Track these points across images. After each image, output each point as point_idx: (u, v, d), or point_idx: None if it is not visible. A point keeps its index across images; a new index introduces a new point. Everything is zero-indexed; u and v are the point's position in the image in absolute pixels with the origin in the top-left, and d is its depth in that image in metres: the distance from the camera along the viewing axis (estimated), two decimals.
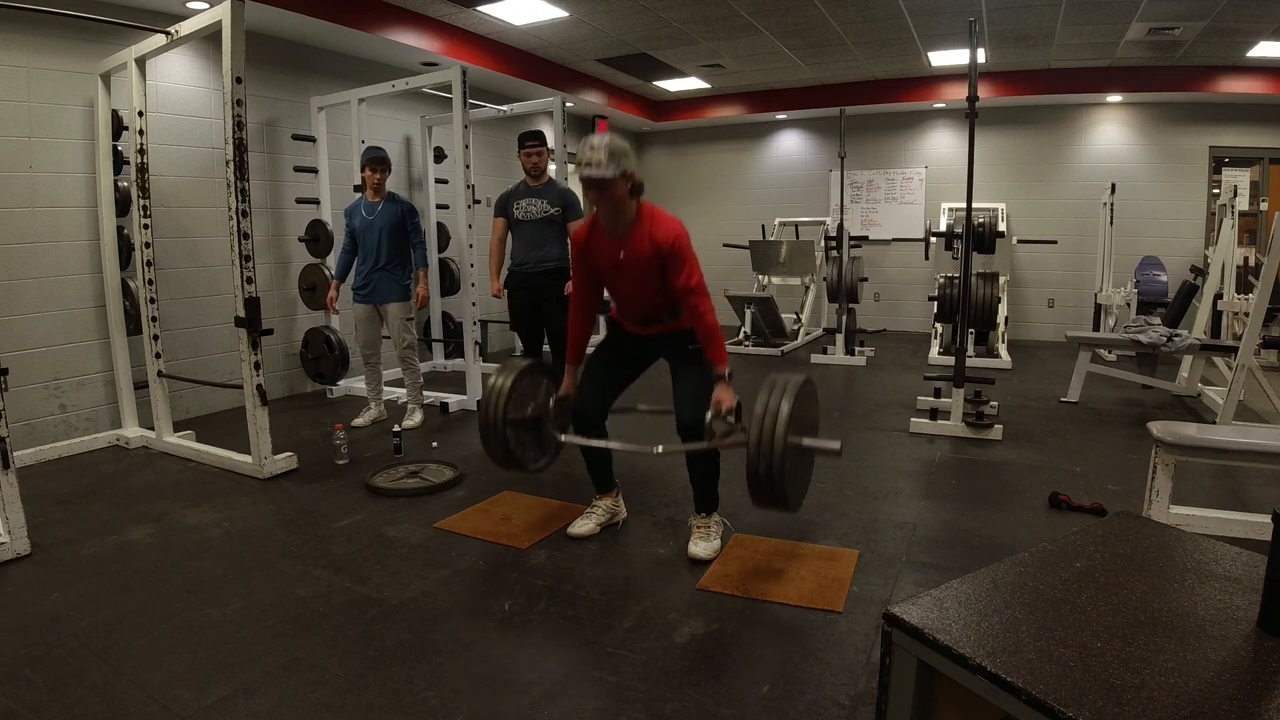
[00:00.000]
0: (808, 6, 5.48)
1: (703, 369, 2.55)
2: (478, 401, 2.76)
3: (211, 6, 3.44)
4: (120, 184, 4.06)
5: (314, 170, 5.33)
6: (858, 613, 2.27)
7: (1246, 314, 4.30)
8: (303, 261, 5.29)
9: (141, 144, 3.81)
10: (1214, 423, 3.92)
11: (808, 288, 7.78)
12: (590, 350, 2.86)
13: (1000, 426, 4.18)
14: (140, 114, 3.80)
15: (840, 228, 6.81)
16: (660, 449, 2.64)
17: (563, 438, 2.76)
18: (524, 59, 6.60)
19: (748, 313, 7.38)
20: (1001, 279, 6.82)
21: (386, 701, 1.85)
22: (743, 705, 1.82)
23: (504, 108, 6.26)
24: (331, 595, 2.41)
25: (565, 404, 2.77)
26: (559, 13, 5.55)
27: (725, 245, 8.27)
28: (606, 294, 2.77)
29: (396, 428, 4.01)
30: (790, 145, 9.18)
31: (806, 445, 2.43)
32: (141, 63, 3.79)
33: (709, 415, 2.44)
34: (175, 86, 4.56)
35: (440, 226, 6.08)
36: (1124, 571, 1.24)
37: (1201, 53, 6.39)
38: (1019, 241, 7.65)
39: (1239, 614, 1.10)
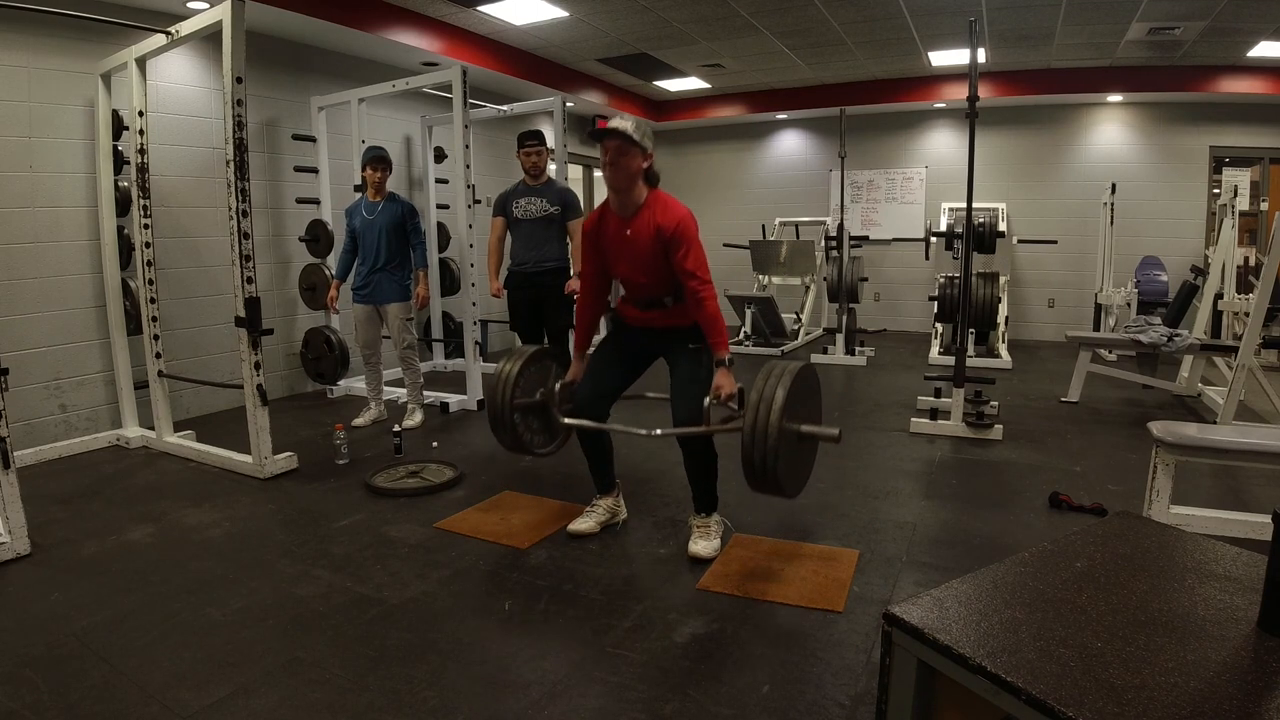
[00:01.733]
0: (808, 6, 5.48)
1: (701, 367, 2.56)
2: (486, 388, 2.78)
3: (211, 6, 3.45)
4: (120, 184, 4.06)
5: (314, 170, 5.33)
6: (858, 613, 2.27)
7: (1247, 314, 4.30)
8: (303, 261, 5.29)
9: (142, 144, 3.81)
10: (1214, 423, 3.92)
11: (808, 288, 7.78)
12: (590, 350, 2.88)
13: (1000, 426, 4.18)
14: (140, 114, 3.80)
15: (840, 227, 6.80)
16: (659, 431, 2.64)
17: (567, 420, 2.76)
18: (524, 59, 6.60)
19: (748, 313, 7.38)
20: (1002, 279, 6.82)
21: (386, 701, 1.85)
22: (743, 705, 1.82)
23: (504, 108, 6.26)
24: (331, 595, 2.41)
25: (571, 389, 2.80)
26: (559, 13, 5.54)
27: (725, 245, 8.27)
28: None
29: (396, 428, 4.01)
30: (790, 145, 9.18)
31: (805, 432, 2.44)
32: (142, 63, 3.79)
33: (708, 400, 2.47)
34: (175, 86, 4.56)
35: (440, 226, 6.07)
36: (1124, 571, 1.24)
37: (1201, 53, 6.39)
38: (1019, 241, 7.65)
39: (1239, 614, 1.10)
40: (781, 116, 8.83)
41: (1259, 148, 7.37)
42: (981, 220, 6.63)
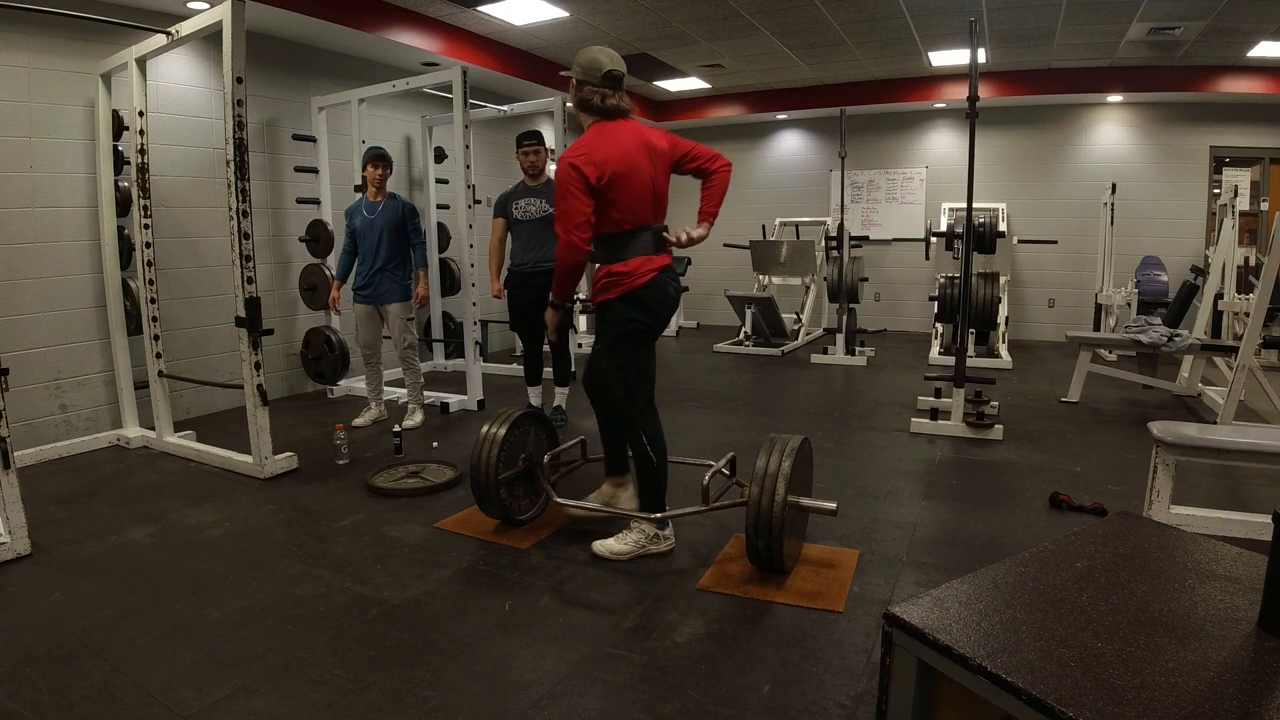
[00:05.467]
0: (808, 6, 5.48)
1: (602, 355, 2.64)
2: (471, 463, 2.83)
3: (212, 6, 3.45)
4: (121, 184, 4.06)
5: (314, 170, 5.33)
6: (858, 613, 2.27)
7: (1247, 314, 4.30)
8: (303, 261, 5.29)
9: (142, 144, 3.81)
10: (1214, 423, 3.92)
11: (808, 288, 7.78)
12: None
13: (1001, 426, 4.18)
14: (141, 114, 3.80)
15: (840, 228, 6.80)
16: (655, 518, 2.66)
17: (556, 499, 2.81)
18: (524, 59, 6.60)
19: (748, 313, 7.38)
20: (1002, 279, 6.82)
21: (386, 701, 1.85)
22: (743, 705, 1.82)
23: (504, 108, 6.26)
24: (332, 595, 2.41)
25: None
26: (559, 13, 5.55)
27: (725, 245, 8.27)
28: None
29: (397, 428, 4.01)
30: (790, 145, 9.18)
31: (804, 505, 2.56)
32: (142, 63, 3.79)
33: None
34: (176, 86, 4.56)
35: (440, 226, 6.07)
36: (1124, 571, 1.24)
37: (1202, 53, 6.39)
38: (1019, 241, 7.65)
39: (1239, 614, 1.10)
40: (781, 116, 8.83)
41: (1259, 148, 7.37)
42: (981, 220, 6.62)
